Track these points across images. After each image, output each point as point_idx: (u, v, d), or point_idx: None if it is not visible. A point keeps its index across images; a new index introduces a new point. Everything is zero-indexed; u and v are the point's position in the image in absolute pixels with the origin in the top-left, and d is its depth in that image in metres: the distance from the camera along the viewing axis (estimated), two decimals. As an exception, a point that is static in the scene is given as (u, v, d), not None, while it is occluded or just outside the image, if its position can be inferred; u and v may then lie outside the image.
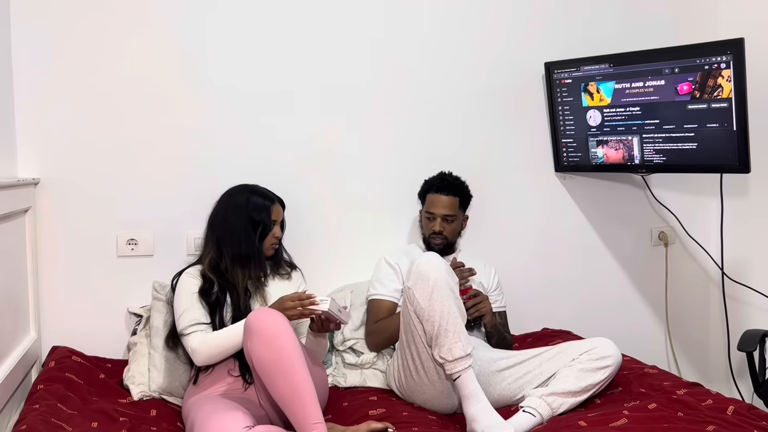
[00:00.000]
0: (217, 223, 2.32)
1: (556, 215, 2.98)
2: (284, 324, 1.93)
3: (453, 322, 2.06)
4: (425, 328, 2.09)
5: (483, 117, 2.87)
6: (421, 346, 2.13)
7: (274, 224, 2.33)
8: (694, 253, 3.09)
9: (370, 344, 2.47)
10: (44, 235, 2.48)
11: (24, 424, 1.82)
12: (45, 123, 2.48)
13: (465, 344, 2.05)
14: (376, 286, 2.52)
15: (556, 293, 2.97)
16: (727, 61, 2.38)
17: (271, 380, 1.89)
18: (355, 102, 2.74)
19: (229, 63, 2.61)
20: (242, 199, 2.31)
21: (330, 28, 2.70)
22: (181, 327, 2.16)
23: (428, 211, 2.57)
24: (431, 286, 2.08)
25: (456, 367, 2.04)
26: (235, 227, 2.28)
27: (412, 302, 2.11)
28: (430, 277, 2.09)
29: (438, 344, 2.06)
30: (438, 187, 2.57)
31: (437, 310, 2.06)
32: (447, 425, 2.12)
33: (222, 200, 2.36)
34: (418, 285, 2.10)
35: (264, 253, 2.32)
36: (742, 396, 2.84)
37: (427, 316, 2.07)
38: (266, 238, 2.31)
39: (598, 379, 2.13)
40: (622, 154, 2.74)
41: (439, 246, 2.55)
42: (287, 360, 1.88)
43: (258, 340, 1.90)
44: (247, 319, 1.97)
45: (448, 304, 2.07)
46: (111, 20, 2.51)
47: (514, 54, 2.88)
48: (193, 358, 2.13)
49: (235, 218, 2.29)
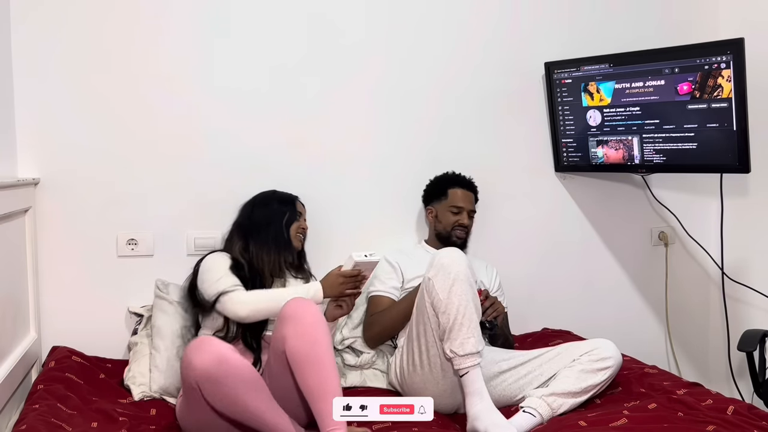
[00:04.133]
0: (245, 220, 2.40)
1: (556, 215, 2.98)
2: (322, 317, 1.98)
3: (469, 318, 2.06)
4: (440, 320, 2.08)
5: (483, 117, 2.87)
6: (431, 339, 2.13)
7: (299, 216, 2.42)
8: (694, 253, 3.09)
9: (366, 338, 2.48)
10: (44, 235, 2.48)
11: (24, 424, 1.82)
12: (45, 123, 2.48)
13: (477, 341, 2.06)
14: (375, 283, 2.53)
15: (556, 293, 2.97)
16: (727, 61, 2.38)
17: (301, 370, 1.90)
18: (356, 103, 2.74)
19: (230, 63, 2.61)
20: (268, 193, 2.45)
21: (331, 29, 2.70)
22: (222, 288, 2.15)
23: (455, 206, 2.61)
24: (452, 279, 2.08)
25: (465, 363, 2.04)
26: (263, 217, 2.37)
27: (431, 293, 2.11)
28: (452, 270, 2.09)
29: (451, 338, 2.06)
30: (463, 183, 2.65)
31: (455, 303, 2.06)
32: (447, 425, 2.12)
33: (249, 201, 2.45)
34: (439, 276, 2.10)
35: (292, 243, 2.38)
36: (742, 396, 2.84)
37: (444, 308, 2.07)
38: (293, 225, 2.38)
39: (598, 380, 2.13)
40: (622, 154, 2.74)
41: (462, 239, 2.60)
42: (321, 354, 1.91)
43: (294, 329, 1.92)
44: (284, 307, 1.98)
45: (466, 299, 2.07)
46: (111, 21, 2.51)
47: (514, 54, 2.88)
48: (238, 310, 2.11)
49: (263, 210, 2.39)
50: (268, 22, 2.64)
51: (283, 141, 2.67)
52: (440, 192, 2.66)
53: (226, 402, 1.85)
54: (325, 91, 2.71)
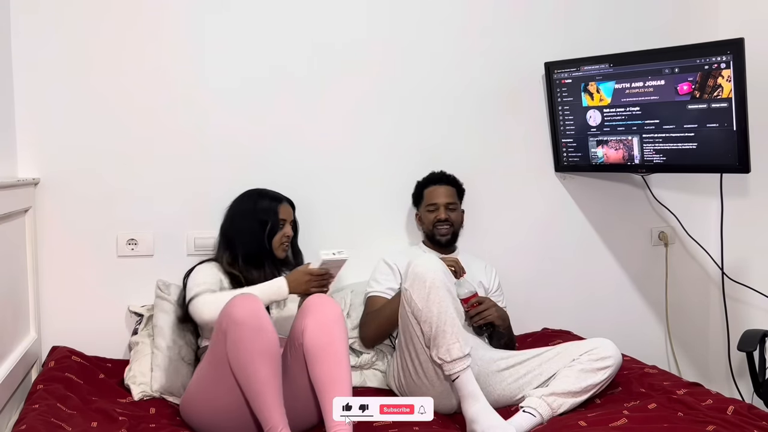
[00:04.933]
0: (228, 228, 2.39)
1: (556, 215, 2.98)
2: (342, 316, 2.00)
3: (450, 323, 2.06)
4: (423, 329, 2.09)
5: (483, 117, 2.87)
6: (419, 347, 2.13)
7: (284, 223, 2.38)
8: (694, 253, 3.09)
9: (362, 336, 2.47)
10: (44, 235, 2.48)
11: (24, 424, 1.82)
12: (45, 123, 2.48)
13: (463, 345, 2.05)
14: (372, 284, 2.53)
15: (556, 293, 2.97)
16: (727, 61, 2.38)
17: (316, 363, 1.92)
18: (356, 103, 2.74)
19: (229, 63, 2.61)
20: (250, 202, 2.40)
21: (331, 28, 2.70)
22: (193, 293, 2.16)
23: (430, 203, 2.61)
24: (428, 287, 2.08)
25: (454, 368, 2.04)
26: (244, 229, 2.35)
27: (410, 303, 2.11)
28: (427, 278, 2.09)
29: (436, 345, 2.06)
30: (434, 180, 2.66)
31: (434, 311, 2.06)
32: (447, 425, 2.12)
33: (231, 206, 2.43)
34: (415, 286, 2.10)
35: (275, 254, 2.36)
36: (742, 396, 2.84)
37: (425, 318, 2.07)
38: (275, 236, 2.35)
39: (598, 380, 2.13)
40: (622, 154, 2.74)
41: (446, 236, 2.58)
42: (337, 350, 1.93)
43: (315, 321, 1.94)
44: (307, 300, 2.04)
45: (445, 305, 2.07)
46: (111, 21, 2.51)
47: (514, 54, 2.88)
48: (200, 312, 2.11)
49: (244, 221, 2.36)
50: (267, 22, 2.64)
51: (282, 141, 2.67)
52: (419, 195, 2.69)
53: (242, 359, 1.85)
54: (325, 91, 2.70)
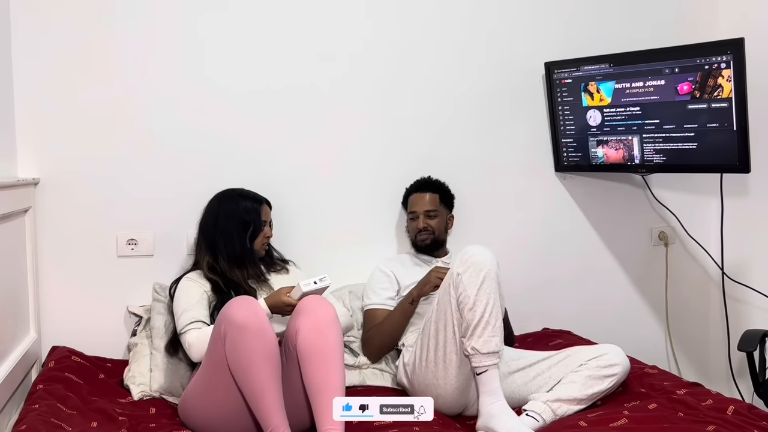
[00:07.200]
0: (210, 229, 2.37)
1: (556, 215, 2.98)
2: (336, 317, 1.99)
3: (495, 316, 2.07)
4: (465, 317, 2.07)
5: (483, 117, 2.87)
6: (450, 335, 2.12)
7: (264, 224, 2.39)
8: (694, 253, 3.09)
9: (366, 353, 2.47)
10: (44, 235, 2.48)
11: (24, 424, 1.82)
12: (45, 123, 2.48)
13: (500, 341, 2.06)
14: (369, 296, 2.52)
15: (556, 293, 2.97)
16: (727, 61, 2.38)
17: (308, 364, 1.91)
18: (354, 103, 2.74)
19: (228, 64, 2.61)
20: (232, 203, 2.37)
21: (331, 28, 2.70)
22: (180, 327, 2.17)
23: (410, 212, 2.62)
24: (483, 276, 2.08)
25: (485, 361, 2.03)
26: (228, 231, 2.33)
27: (457, 288, 2.10)
28: (483, 267, 2.09)
29: (475, 335, 2.05)
30: (416, 188, 2.65)
31: (483, 300, 2.06)
32: (447, 424, 2.12)
33: (211, 206, 2.40)
34: (469, 272, 2.09)
35: (257, 253, 2.37)
36: (742, 396, 2.84)
37: (472, 305, 2.06)
38: (257, 238, 2.36)
39: (603, 387, 2.13)
40: (622, 154, 2.74)
41: (426, 241, 2.57)
42: (330, 352, 1.92)
43: (308, 322, 1.94)
44: (301, 302, 2.02)
45: (494, 297, 2.08)
46: (111, 21, 2.50)
47: (514, 54, 2.88)
48: (189, 353, 2.13)
49: (228, 222, 2.34)
50: (262, 22, 2.64)
51: (281, 141, 2.67)
52: (405, 203, 2.70)
53: (242, 361, 1.85)
54: (324, 93, 2.70)
